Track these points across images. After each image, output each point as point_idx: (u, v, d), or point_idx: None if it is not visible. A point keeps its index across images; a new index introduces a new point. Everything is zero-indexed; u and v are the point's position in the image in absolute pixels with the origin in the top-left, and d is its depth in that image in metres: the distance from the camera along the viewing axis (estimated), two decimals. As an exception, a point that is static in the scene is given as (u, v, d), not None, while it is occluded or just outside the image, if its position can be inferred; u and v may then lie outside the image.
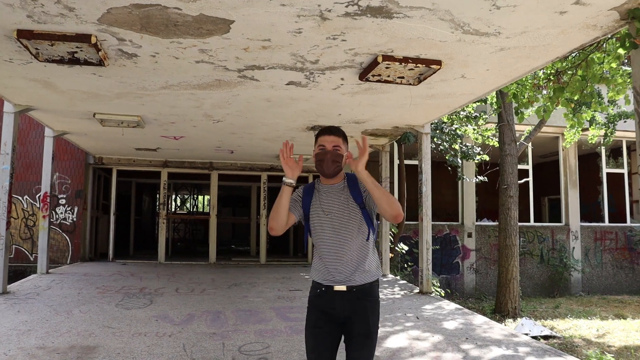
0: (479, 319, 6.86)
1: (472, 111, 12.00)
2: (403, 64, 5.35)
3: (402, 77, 5.87)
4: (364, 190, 2.87)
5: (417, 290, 8.87)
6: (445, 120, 12.03)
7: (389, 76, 5.81)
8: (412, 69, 5.56)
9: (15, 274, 11.35)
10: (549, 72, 8.43)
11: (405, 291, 8.90)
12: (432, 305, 7.70)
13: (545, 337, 8.83)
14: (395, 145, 13.02)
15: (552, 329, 9.79)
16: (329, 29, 4.58)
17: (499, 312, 10.99)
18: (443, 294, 10.89)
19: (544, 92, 8.52)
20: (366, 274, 2.89)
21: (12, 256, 12.11)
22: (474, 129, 12.21)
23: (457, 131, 12.06)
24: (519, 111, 8.44)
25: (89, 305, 6.95)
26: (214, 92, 6.66)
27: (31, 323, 5.90)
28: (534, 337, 8.06)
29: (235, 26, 4.52)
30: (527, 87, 8.36)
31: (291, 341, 5.39)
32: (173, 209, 26.81)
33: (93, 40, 4.76)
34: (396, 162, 13.93)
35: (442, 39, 4.80)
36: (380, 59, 5.24)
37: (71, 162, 12.79)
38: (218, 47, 5.05)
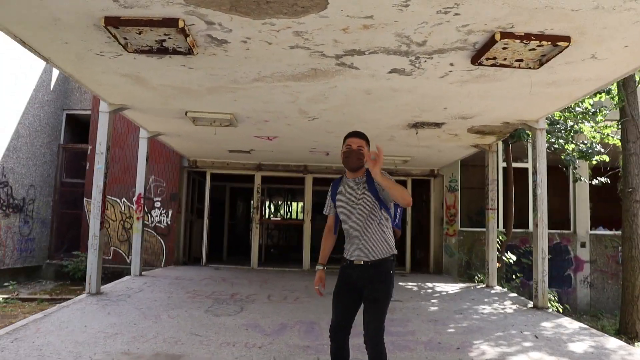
0: (612, 343, 5.88)
1: (590, 106, 10.72)
2: (524, 41, 4.58)
3: (521, 60, 5.11)
4: (378, 184, 3.46)
5: (530, 304, 7.90)
6: (557, 116, 10.88)
7: (505, 59, 5.07)
8: (533, 49, 4.78)
9: (113, 275, 11.50)
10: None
11: (518, 305, 7.95)
12: (551, 323, 6.78)
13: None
14: (500, 145, 11.96)
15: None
16: (440, 0, 3.94)
17: (625, 334, 9.65)
18: (561, 310, 9.81)
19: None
20: (378, 252, 3.55)
21: (110, 258, 12.33)
22: (592, 126, 10.96)
23: (574, 128, 10.85)
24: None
25: (178, 310, 6.67)
26: (310, 84, 6.17)
27: (119, 326, 5.67)
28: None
29: (334, 1, 3.99)
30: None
31: (394, 358, 4.76)
32: (267, 216, 26.84)
33: (180, 24, 4.42)
34: (501, 164, 12.81)
35: (575, 7, 4.00)
36: (497, 37, 4.51)
37: (166, 165, 12.87)
38: (314, 28, 4.54)
